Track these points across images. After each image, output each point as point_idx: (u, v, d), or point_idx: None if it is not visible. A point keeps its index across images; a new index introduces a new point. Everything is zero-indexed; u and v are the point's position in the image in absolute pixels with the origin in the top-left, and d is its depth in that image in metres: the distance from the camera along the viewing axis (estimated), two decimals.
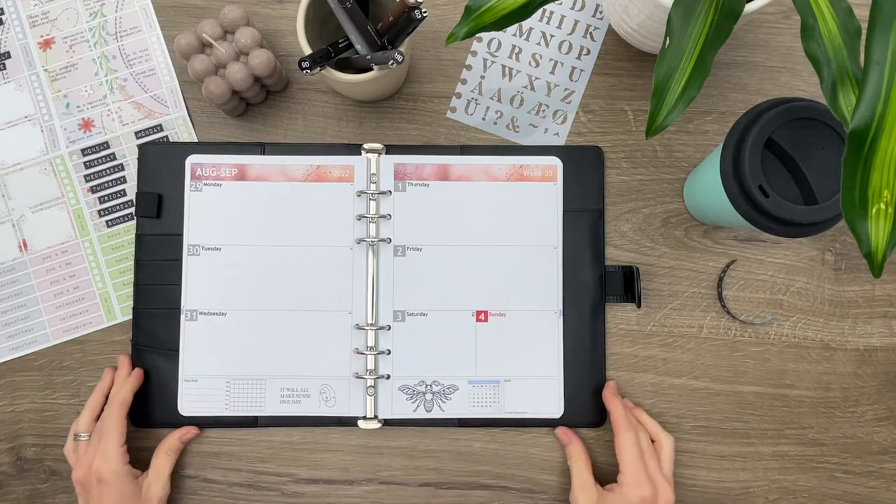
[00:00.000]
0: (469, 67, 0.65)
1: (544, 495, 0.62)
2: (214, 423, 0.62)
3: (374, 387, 0.61)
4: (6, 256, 0.63)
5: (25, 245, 0.63)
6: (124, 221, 0.64)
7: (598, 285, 0.63)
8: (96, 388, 0.60)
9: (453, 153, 0.63)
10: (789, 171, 0.48)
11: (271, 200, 0.62)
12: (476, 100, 0.65)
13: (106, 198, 0.64)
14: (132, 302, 0.62)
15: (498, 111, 0.65)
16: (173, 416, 0.61)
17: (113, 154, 0.64)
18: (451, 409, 0.62)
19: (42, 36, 0.64)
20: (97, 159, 0.64)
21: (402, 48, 0.53)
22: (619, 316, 0.63)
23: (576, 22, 0.65)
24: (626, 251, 0.64)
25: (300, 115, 0.64)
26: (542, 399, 0.62)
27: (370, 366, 0.61)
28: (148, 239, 0.62)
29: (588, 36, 0.65)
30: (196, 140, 0.64)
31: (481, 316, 0.62)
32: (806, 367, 0.63)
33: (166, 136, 0.64)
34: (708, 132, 0.64)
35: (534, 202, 0.63)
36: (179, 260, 0.62)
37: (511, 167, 0.63)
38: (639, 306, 0.62)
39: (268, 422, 0.61)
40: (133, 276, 0.62)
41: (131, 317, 0.62)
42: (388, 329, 0.62)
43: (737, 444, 0.63)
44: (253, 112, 0.64)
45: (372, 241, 0.62)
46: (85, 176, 0.64)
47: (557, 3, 0.65)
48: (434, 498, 0.62)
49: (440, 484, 0.62)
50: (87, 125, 0.64)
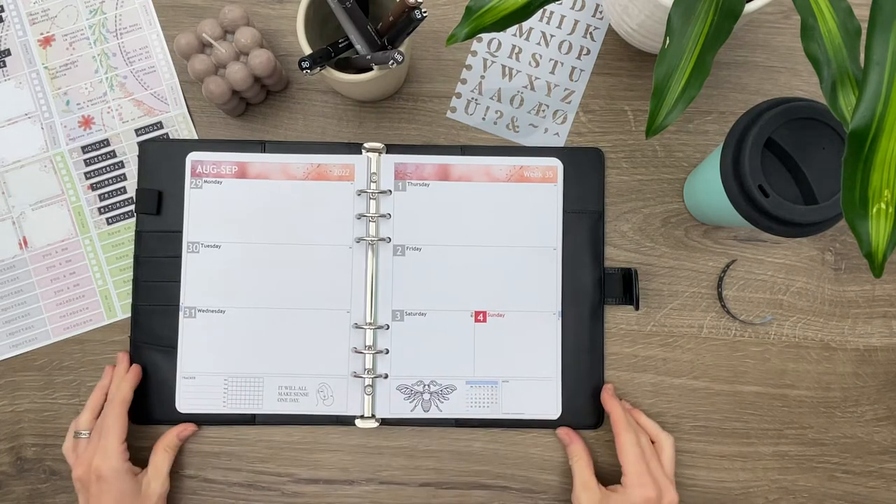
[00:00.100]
0: (469, 67, 0.65)
1: (544, 495, 0.62)
2: (212, 420, 0.62)
3: (371, 386, 0.61)
4: (6, 254, 0.63)
5: (25, 242, 0.63)
6: (124, 219, 0.64)
7: (597, 287, 0.62)
8: (97, 387, 0.60)
9: (454, 153, 0.63)
10: (789, 171, 0.48)
11: (271, 198, 0.62)
12: (476, 100, 0.65)
13: (106, 195, 0.64)
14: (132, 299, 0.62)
15: (498, 111, 0.65)
16: (171, 413, 0.61)
17: (113, 151, 0.64)
18: (449, 410, 0.62)
19: (42, 33, 0.64)
20: (97, 157, 0.64)
21: (402, 48, 0.53)
22: (619, 316, 0.63)
23: (576, 22, 0.65)
24: (625, 251, 0.63)
25: (300, 115, 0.64)
26: (539, 400, 0.62)
27: (368, 365, 0.61)
28: (147, 236, 0.62)
29: (588, 36, 0.65)
30: (196, 137, 0.64)
31: (480, 316, 0.62)
32: (806, 367, 0.63)
33: (166, 134, 0.64)
34: (708, 132, 0.64)
35: (534, 203, 0.63)
36: (179, 257, 0.62)
37: (511, 168, 0.63)
38: (637, 308, 0.62)
39: (265, 420, 0.61)
40: (132, 272, 0.62)
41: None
42: (387, 328, 0.62)
43: (737, 444, 0.62)
44: (253, 112, 0.64)
45: (371, 241, 0.62)
46: (85, 173, 0.64)
47: (557, 3, 0.65)
48: (434, 498, 0.62)
49: (440, 484, 0.62)
50: (87, 122, 0.64)
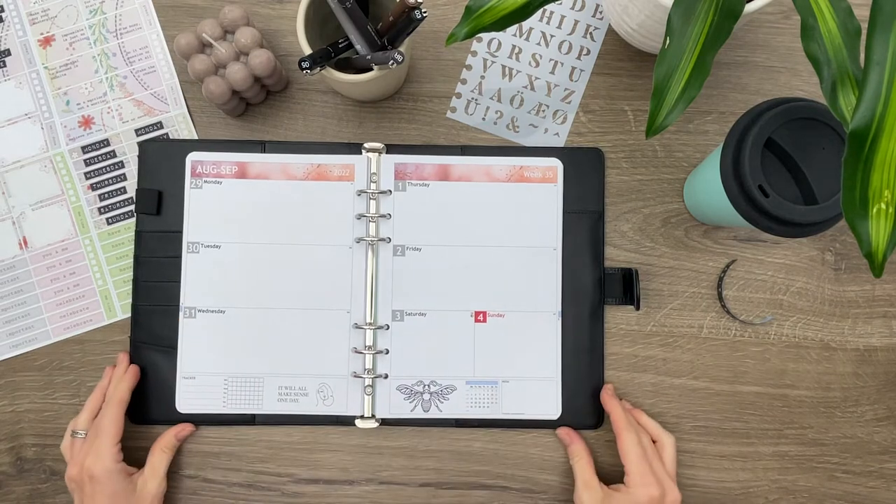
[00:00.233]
0: (469, 67, 0.65)
1: (544, 495, 0.62)
2: (212, 420, 0.62)
3: (371, 386, 0.61)
4: (6, 254, 0.63)
5: (25, 243, 0.63)
6: (124, 219, 0.64)
7: (597, 287, 0.62)
8: (97, 387, 0.60)
9: (454, 153, 0.63)
10: (789, 171, 0.48)
11: (271, 198, 0.62)
12: (476, 100, 0.65)
13: (106, 195, 0.64)
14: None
15: (498, 111, 0.65)
16: (171, 413, 0.61)
17: (113, 151, 0.64)
18: (449, 410, 0.62)
19: (42, 33, 0.64)
20: (97, 157, 0.64)
21: (402, 48, 0.53)
22: (619, 316, 0.63)
23: (576, 22, 0.65)
24: (625, 251, 0.63)
25: (300, 115, 0.64)
26: (539, 400, 0.62)
27: (368, 365, 0.61)
28: (147, 236, 0.62)
29: (588, 36, 0.65)
30: (196, 137, 0.64)
31: (480, 316, 0.62)
32: (806, 367, 0.63)
33: (166, 134, 0.64)
34: (708, 132, 0.64)
35: (534, 203, 0.63)
36: (179, 257, 0.62)
37: (511, 168, 0.63)
38: (637, 309, 0.62)
39: (265, 420, 0.61)
40: (132, 272, 0.62)
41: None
42: (387, 328, 0.62)
43: (737, 444, 0.62)
44: (253, 112, 0.64)
45: (371, 241, 0.62)
46: (85, 173, 0.64)
47: (557, 3, 0.65)
48: (434, 498, 0.62)
49: (440, 484, 0.62)
50: (87, 122, 0.64)
